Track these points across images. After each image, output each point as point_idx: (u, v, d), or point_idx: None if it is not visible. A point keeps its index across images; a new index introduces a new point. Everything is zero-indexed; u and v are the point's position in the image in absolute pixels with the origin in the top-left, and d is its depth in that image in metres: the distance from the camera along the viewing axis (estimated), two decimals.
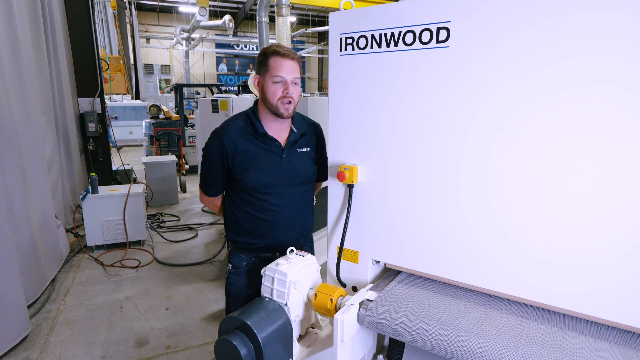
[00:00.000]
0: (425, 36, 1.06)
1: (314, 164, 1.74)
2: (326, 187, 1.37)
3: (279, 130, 1.66)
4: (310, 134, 1.75)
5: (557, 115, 0.91)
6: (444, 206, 1.11)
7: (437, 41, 1.04)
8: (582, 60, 0.87)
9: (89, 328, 3.07)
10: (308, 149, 1.72)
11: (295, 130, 1.69)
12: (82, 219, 4.42)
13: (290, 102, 1.56)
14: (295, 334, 1.18)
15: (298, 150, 1.69)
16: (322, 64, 23.39)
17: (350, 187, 1.27)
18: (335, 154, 1.32)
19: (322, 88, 22.66)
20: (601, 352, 0.88)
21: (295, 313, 1.17)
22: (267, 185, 1.64)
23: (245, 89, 7.76)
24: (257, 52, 4.99)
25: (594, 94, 0.86)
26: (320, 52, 21.19)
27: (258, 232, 1.70)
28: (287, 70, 1.53)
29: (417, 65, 1.09)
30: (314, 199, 1.86)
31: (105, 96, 6.21)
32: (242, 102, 4.44)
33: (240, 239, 1.74)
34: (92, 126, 5.44)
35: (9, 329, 2.73)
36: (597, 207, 0.89)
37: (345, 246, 1.32)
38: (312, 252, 1.47)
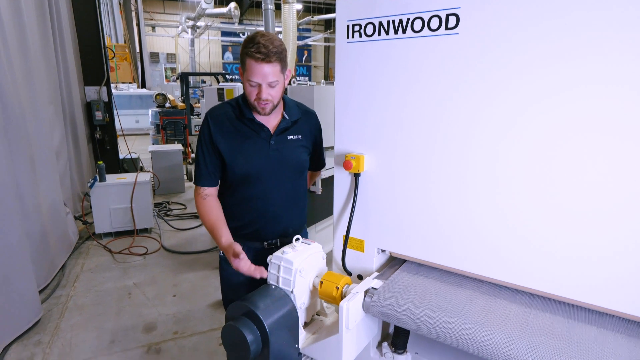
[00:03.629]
0: (434, 23, 1.04)
1: (305, 153, 1.70)
2: (332, 176, 1.37)
3: (268, 117, 1.60)
4: (303, 122, 1.70)
5: (572, 111, 0.89)
6: (451, 196, 1.10)
7: (447, 28, 1.02)
8: (610, 57, 0.83)
9: (98, 313, 3.13)
10: (299, 137, 1.67)
11: (287, 117, 1.63)
12: (91, 207, 4.49)
13: (266, 103, 1.51)
14: (301, 321, 1.19)
15: (288, 137, 1.64)
16: (329, 52, 23.18)
17: (356, 176, 1.27)
18: (341, 143, 1.31)
19: (329, 76, 22.49)
20: (608, 342, 0.88)
21: (301, 300, 1.18)
22: (255, 172, 1.60)
23: None
24: None
25: (609, 92, 0.84)
26: (326, 40, 20.98)
27: (245, 219, 1.67)
28: (261, 75, 1.44)
29: (426, 52, 1.07)
30: (320, 188, 1.83)
31: (112, 85, 6.21)
32: None
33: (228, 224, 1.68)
34: (99, 115, 5.47)
35: (21, 313, 2.80)
36: (604, 198, 0.88)
37: (351, 235, 1.32)
38: None
